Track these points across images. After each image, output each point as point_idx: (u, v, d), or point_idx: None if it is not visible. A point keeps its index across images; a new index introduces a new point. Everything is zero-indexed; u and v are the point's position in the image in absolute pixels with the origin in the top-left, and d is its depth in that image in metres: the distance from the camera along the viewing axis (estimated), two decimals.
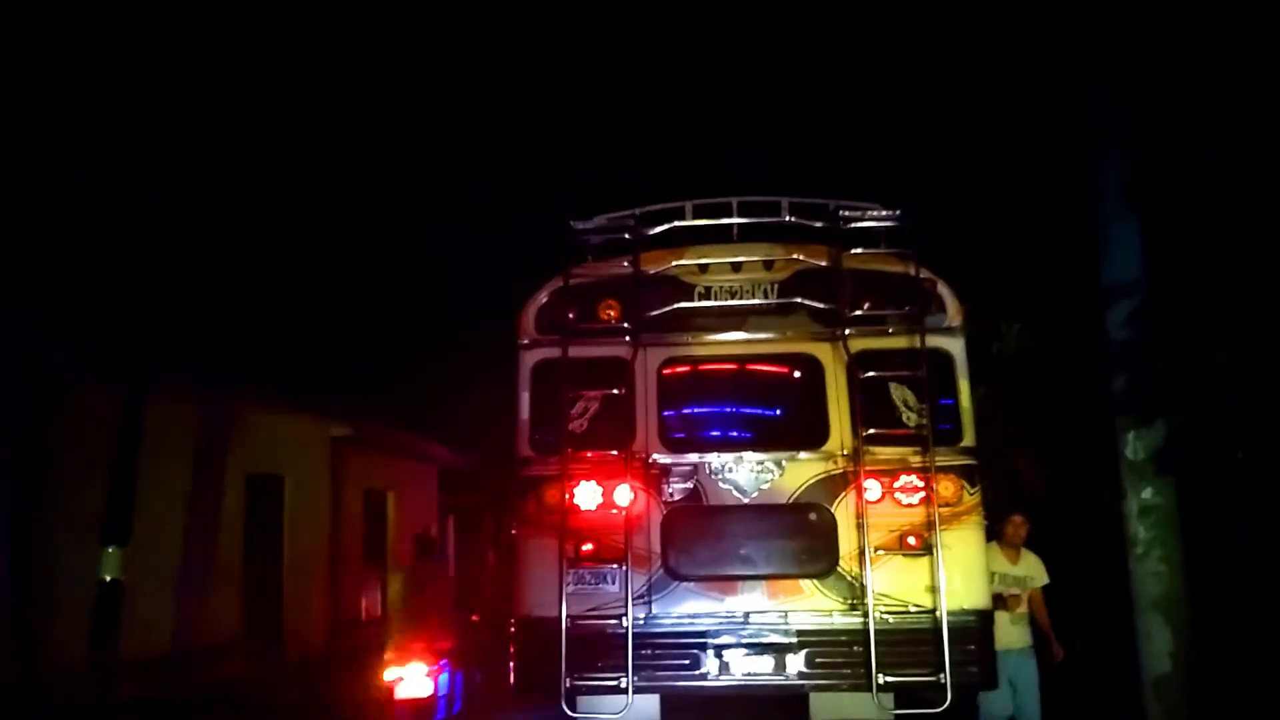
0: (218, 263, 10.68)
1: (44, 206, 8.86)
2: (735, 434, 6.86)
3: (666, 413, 6.58)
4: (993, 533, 6.75)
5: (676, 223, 6.48)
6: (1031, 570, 7.13)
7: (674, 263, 6.55)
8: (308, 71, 11.08)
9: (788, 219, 6.45)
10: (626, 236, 6.48)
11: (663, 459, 6.41)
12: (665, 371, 6.60)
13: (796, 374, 6.74)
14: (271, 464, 12.27)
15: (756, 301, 6.54)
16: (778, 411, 7.01)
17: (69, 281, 8.95)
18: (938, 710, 5.87)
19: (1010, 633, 6.86)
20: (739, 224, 6.52)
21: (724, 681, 6.08)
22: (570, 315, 6.48)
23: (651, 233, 6.47)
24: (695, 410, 6.94)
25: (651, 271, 6.51)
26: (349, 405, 13.72)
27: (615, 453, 6.31)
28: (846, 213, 6.35)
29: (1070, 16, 6.47)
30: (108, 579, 8.48)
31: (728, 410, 7.03)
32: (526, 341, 6.67)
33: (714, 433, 6.91)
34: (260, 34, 10.44)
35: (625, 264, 6.51)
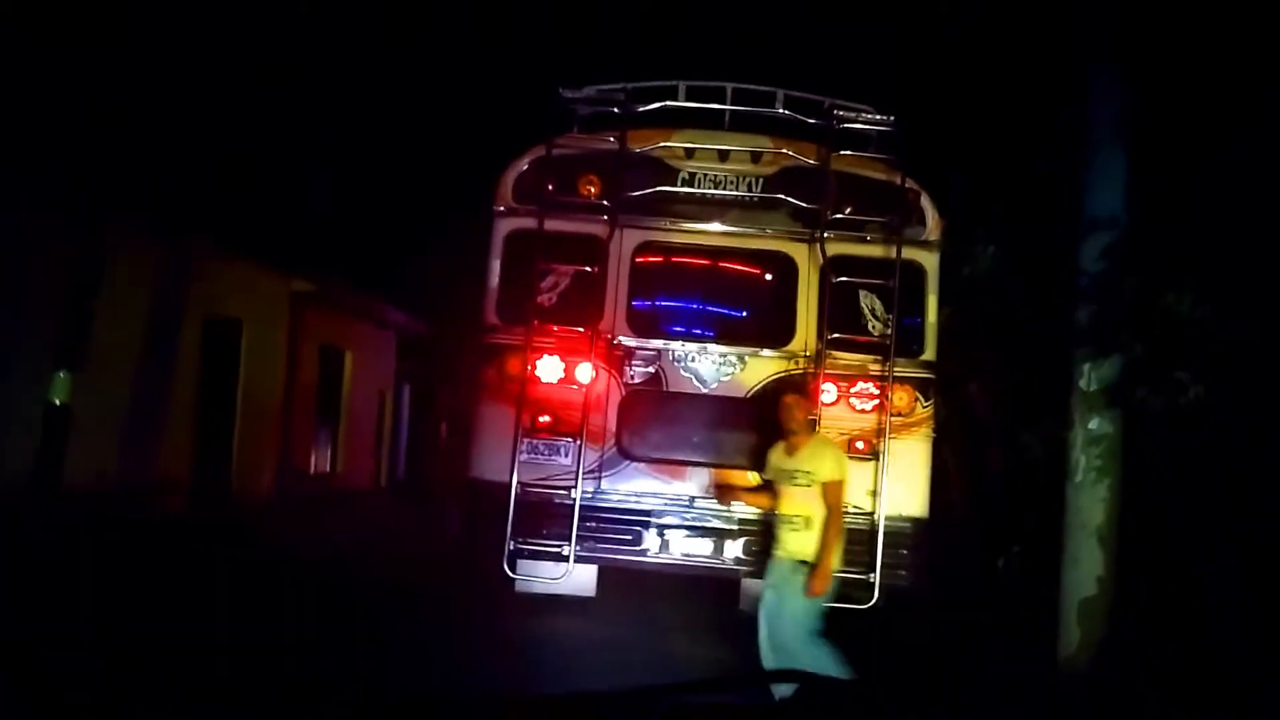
0: (201, 114, 10.35)
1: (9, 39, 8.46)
2: (702, 324, 6.89)
3: (636, 297, 6.59)
4: None
5: (668, 102, 6.36)
6: (810, 465, 5.53)
7: (661, 143, 6.46)
8: None
9: (781, 111, 6.36)
10: (615, 110, 6.36)
11: (628, 342, 6.45)
12: (639, 255, 6.58)
13: (769, 272, 6.76)
14: (230, 311, 12.14)
15: (740, 194, 6.50)
16: (746, 307, 7.04)
17: (32, 116, 8.61)
18: (863, 608, 6.10)
19: (788, 540, 5.52)
20: (731, 111, 6.42)
21: (662, 559, 6.27)
22: (549, 187, 6.40)
23: (642, 110, 6.35)
24: (665, 297, 6.96)
25: (637, 150, 6.41)
26: (312, 262, 13.54)
27: (581, 330, 6.33)
28: (840, 112, 6.27)
29: None
30: (57, 402, 8.43)
31: (697, 300, 7.05)
32: (502, 209, 6.59)
33: (681, 321, 6.94)
34: None
35: (611, 139, 6.40)
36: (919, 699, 6.27)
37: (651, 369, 6.44)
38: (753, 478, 6.31)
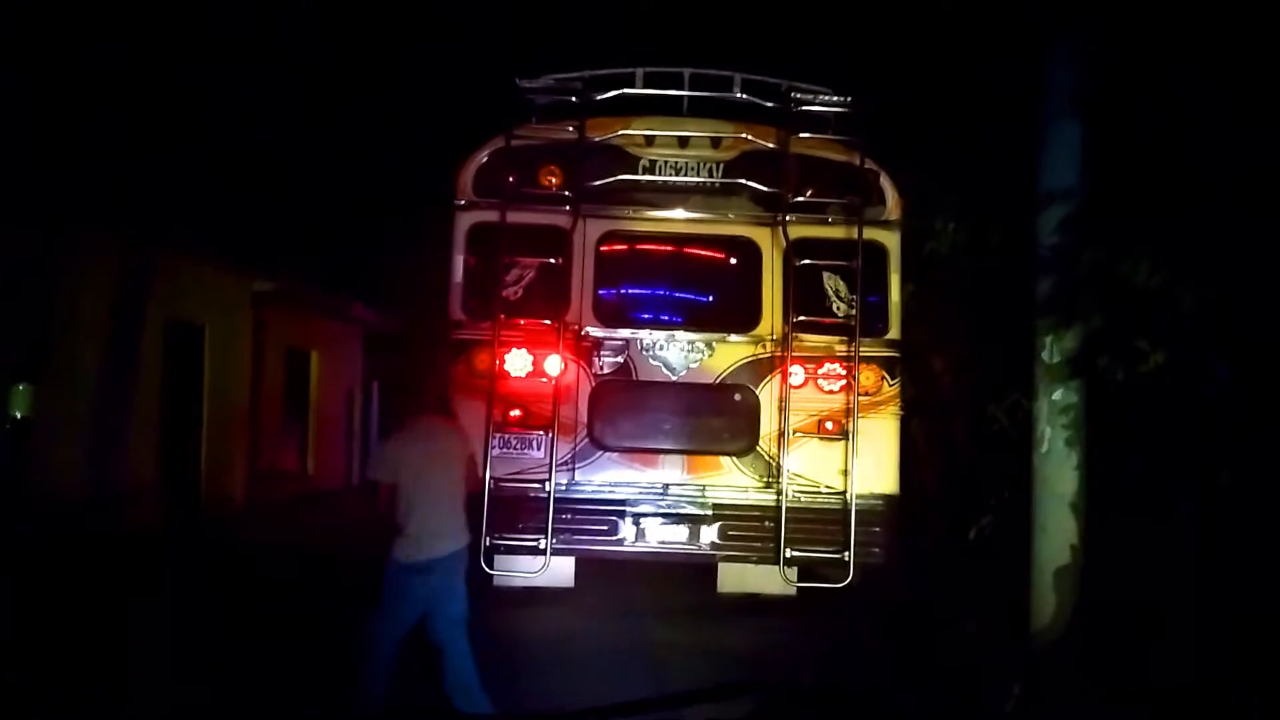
0: (156, 116, 10.17)
1: None
2: (668, 312, 6.92)
3: (602, 286, 6.59)
4: None
5: (626, 90, 6.37)
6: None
7: (620, 131, 6.45)
8: None
9: (739, 96, 6.37)
10: (573, 100, 6.34)
11: (595, 332, 6.45)
12: (604, 245, 6.59)
13: (733, 257, 6.79)
14: (192, 313, 11.98)
15: (701, 180, 6.51)
16: (712, 293, 7.07)
17: None
18: (838, 586, 6.17)
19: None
20: (689, 96, 6.42)
21: (639, 548, 6.31)
22: (510, 179, 6.37)
23: (600, 98, 6.34)
24: (631, 286, 6.97)
25: (596, 139, 6.40)
26: (274, 261, 13.38)
27: (548, 322, 6.32)
28: (798, 95, 6.30)
29: None
30: (18, 415, 8.29)
31: (663, 288, 7.07)
32: (463, 203, 6.56)
33: (648, 310, 6.96)
34: None
35: (570, 129, 6.38)
36: (893, 675, 6.39)
37: (620, 358, 6.45)
38: (724, 463, 6.36)
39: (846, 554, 6.12)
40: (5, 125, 8.61)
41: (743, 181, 6.44)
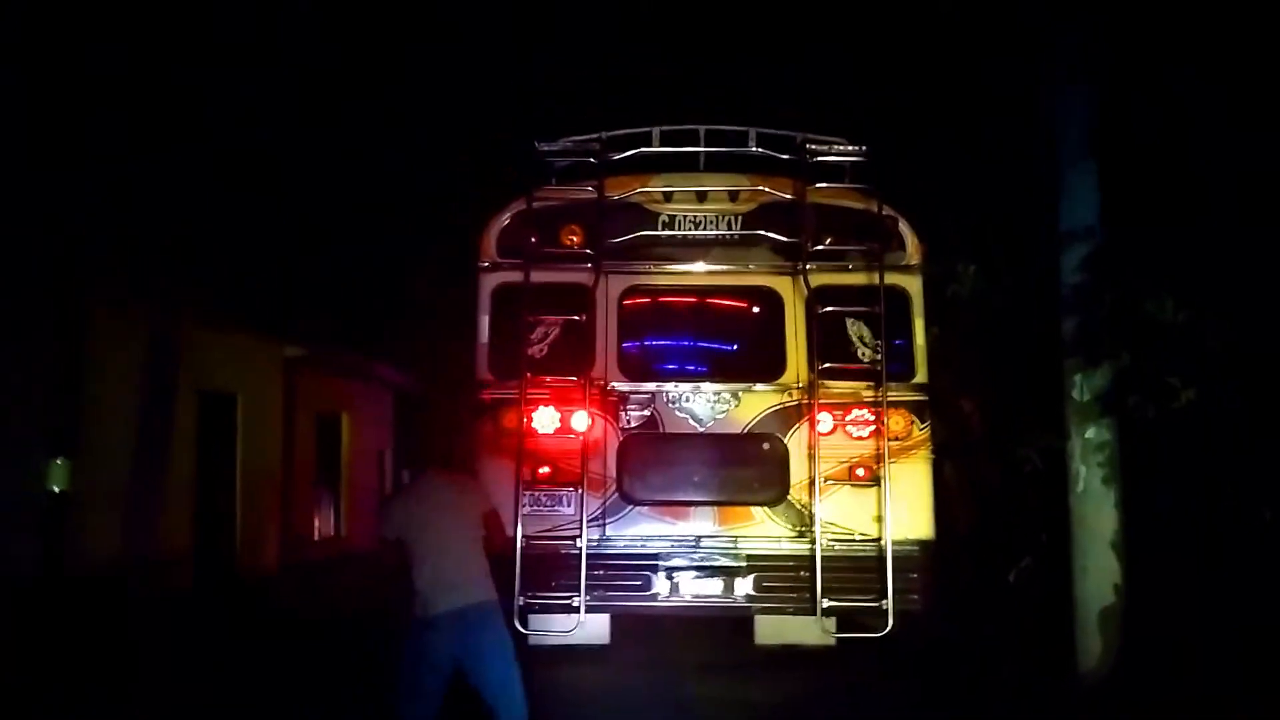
0: (178, 183, 10.42)
1: None
2: (693, 364, 6.94)
3: (626, 341, 6.64)
4: None
5: (643, 149, 6.47)
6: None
7: (639, 189, 6.55)
8: None
9: (754, 150, 6.46)
10: (592, 160, 6.45)
11: (621, 387, 6.49)
12: (626, 300, 6.65)
13: (756, 307, 6.82)
14: (224, 382, 12.14)
15: (720, 233, 6.58)
16: (736, 343, 7.09)
17: (12, 191, 8.66)
18: (878, 635, 6.09)
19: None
20: (705, 153, 6.51)
21: (673, 602, 6.26)
22: (532, 239, 6.47)
23: (617, 158, 6.45)
24: (655, 339, 7.01)
25: (615, 197, 6.50)
26: (303, 327, 13.57)
27: (574, 379, 6.36)
28: (813, 145, 6.37)
29: None
30: (56, 490, 8.40)
31: (687, 340, 7.10)
32: (487, 264, 6.66)
33: (672, 362, 6.99)
34: None
35: (590, 189, 6.48)
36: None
37: (647, 411, 6.47)
38: (756, 513, 6.33)
39: (885, 602, 6.04)
40: (30, 197, 8.82)
41: (762, 232, 6.50)
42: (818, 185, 6.43)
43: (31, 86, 8.78)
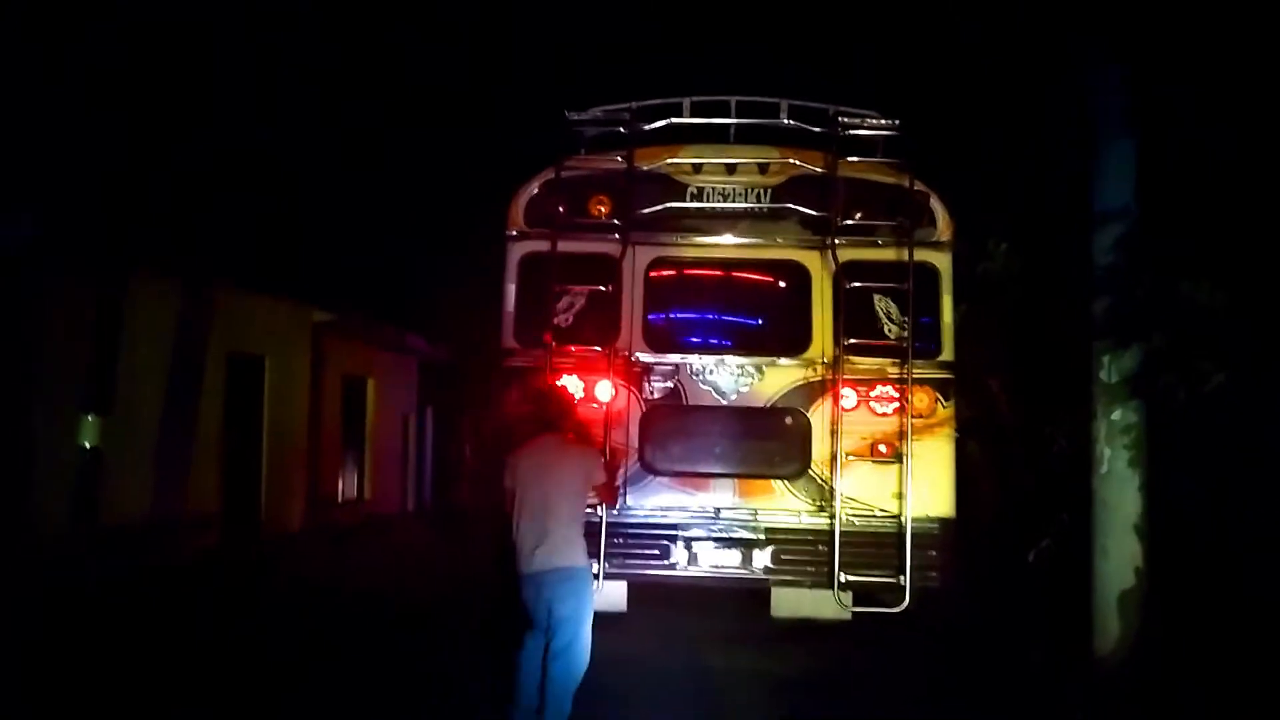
0: (213, 150, 10.50)
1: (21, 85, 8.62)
2: (718, 337, 6.93)
3: (652, 312, 6.64)
4: None
5: (673, 119, 6.44)
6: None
7: (668, 160, 6.52)
8: None
9: (786, 121, 6.41)
10: (622, 130, 6.43)
11: (645, 358, 6.50)
12: (653, 271, 6.64)
13: (783, 281, 6.80)
14: (253, 345, 12.28)
15: (749, 205, 6.55)
16: (761, 317, 7.07)
17: (47, 160, 8.77)
18: (894, 611, 6.11)
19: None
20: (736, 124, 6.47)
21: (691, 572, 6.30)
22: (560, 209, 6.47)
23: (648, 128, 6.43)
24: (680, 311, 7.00)
25: (645, 168, 6.48)
26: (332, 293, 13.68)
27: (599, 349, 6.38)
28: (845, 119, 6.31)
29: None
30: (87, 446, 8.55)
31: (712, 313, 7.09)
32: (515, 233, 6.67)
33: (697, 334, 6.99)
34: None
35: (619, 159, 6.47)
36: (952, 703, 6.29)
37: (670, 383, 6.48)
38: (776, 487, 6.34)
39: (902, 578, 6.06)
40: (71, 164, 8.93)
41: (791, 206, 6.47)
42: (849, 159, 6.37)
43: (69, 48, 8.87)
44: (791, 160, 6.49)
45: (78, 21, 8.89)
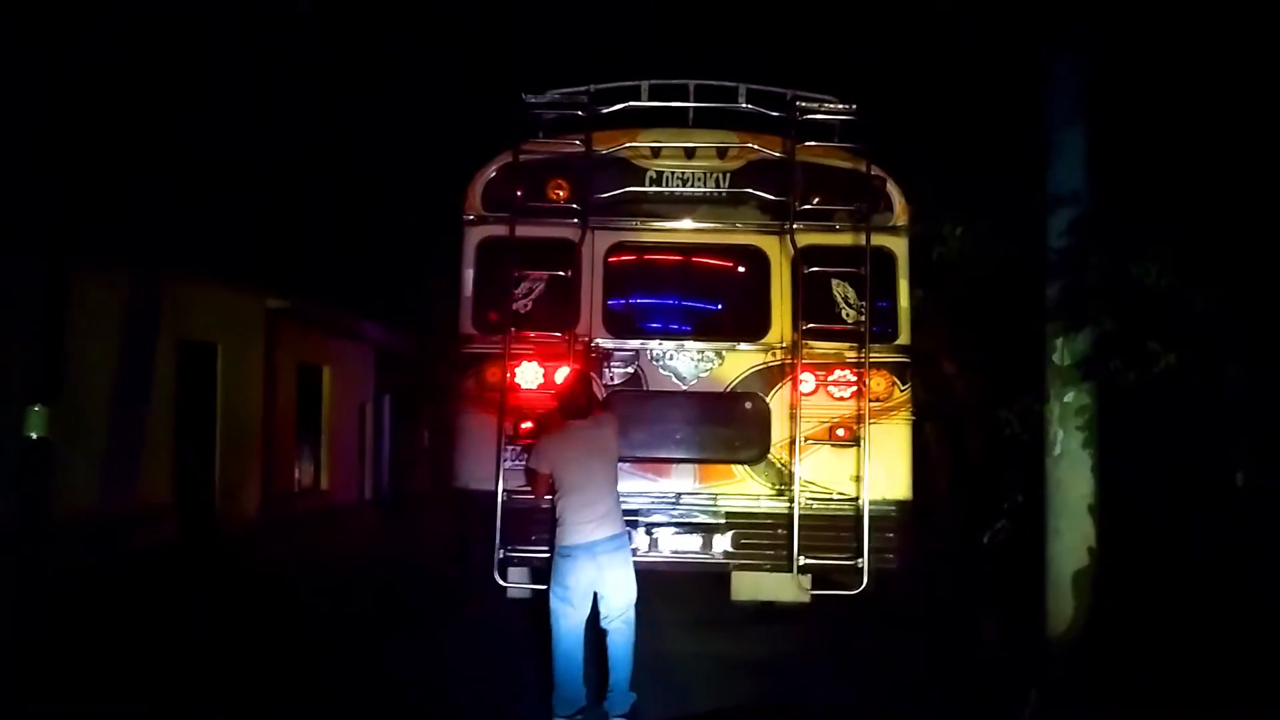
0: (165, 134, 10.27)
1: None
2: (678, 322, 6.92)
3: (611, 298, 6.60)
4: None
5: (631, 103, 6.38)
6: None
7: (626, 144, 6.48)
8: None
9: (744, 106, 6.39)
10: (580, 114, 6.37)
11: (605, 343, 6.47)
12: (612, 257, 6.59)
13: (742, 266, 6.79)
14: (205, 333, 12.06)
15: (708, 190, 6.53)
16: (721, 302, 7.07)
17: None
18: (853, 593, 6.16)
19: None
20: (695, 108, 6.44)
21: (652, 557, 6.29)
22: (518, 193, 6.40)
23: (606, 111, 6.37)
24: (640, 296, 6.98)
25: (603, 152, 6.43)
26: (286, 279, 13.47)
27: (558, 335, 6.34)
28: (803, 103, 6.31)
29: None
30: (34, 437, 8.35)
31: (672, 298, 7.07)
32: (472, 217, 6.59)
33: (657, 320, 6.96)
34: None
35: (577, 143, 6.42)
36: (909, 682, 6.38)
37: (630, 369, 6.46)
38: (736, 471, 6.36)
39: (860, 560, 6.10)
40: (13, 148, 8.70)
41: (750, 191, 6.46)
42: (806, 144, 6.38)
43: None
44: (750, 145, 6.47)
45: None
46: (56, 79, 8.94)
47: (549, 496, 5.63)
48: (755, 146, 6.47)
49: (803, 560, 6.16)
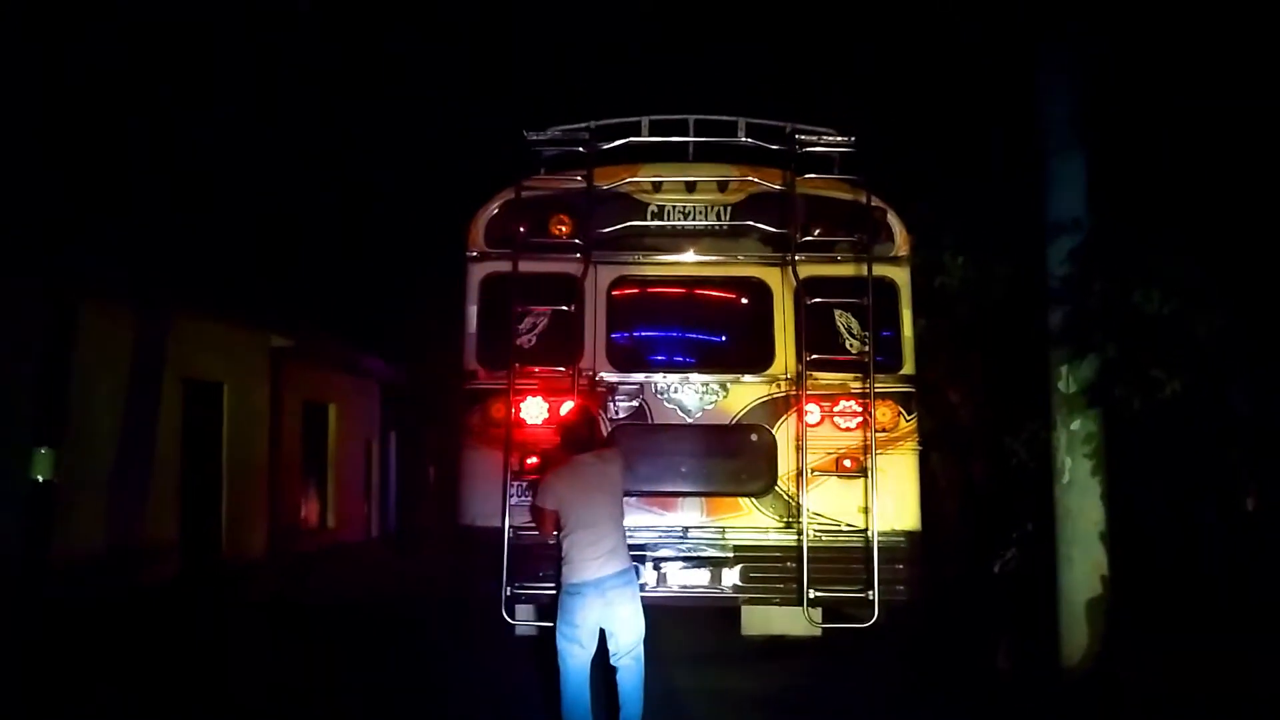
0: (173, 174, 10.35)
1: None
2: (682, 355, 6.92)
3: (615, 332, 6.61)
4: None
5: (632, 138, 6.43)
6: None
7: (628, 179, 6.52)
8: None
9: (744, 140, 6.43)
10: (581, 150, 6.42)
11: (609, 377, 6.46)
12: (615, 290, 6.62)
13: (745, 298, 6.80)
14: (211, 372, 12.09)
15: (709, 223, 6.55)
16: (724, 334, 7.07)
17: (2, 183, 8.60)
18: (864, 626, 6.10)
19: None
20: (695, 143, 6.49)
21: (661, 593, 6.25)
22: (521, 229, 6.44)
23: (606, 147, 6.41)
24: (643, 330, 6.98)
25: (605, 187, 6.47)
26: (290, 317, 13.52)
27: (562, 370, 6.34)
28: (802, 136, 6.35)
29: None
30: (40, 479, 8.36)
31: (675, 331, 7.07)
32: (475, 254, 6.62)
33: (661, 353, 6.96)
34: None
35: (579, 178, 6.46)
36: (925, 713, 6.30)
37: (635, 402, 6.45)
38: (744, 504, 6.33)
39: (871, 593, 6.05)
40: (20, 186, 8.76)
41: (751, 223, 6.49)
42: (806, 176, 6.41)
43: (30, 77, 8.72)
44: (750, 178, 6.51)
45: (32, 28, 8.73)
46: (56, 80, 8.99)
47: (555, 533, 5.61)
48: (755, 179, 6.50)
49: (813, 593, 6.11)
